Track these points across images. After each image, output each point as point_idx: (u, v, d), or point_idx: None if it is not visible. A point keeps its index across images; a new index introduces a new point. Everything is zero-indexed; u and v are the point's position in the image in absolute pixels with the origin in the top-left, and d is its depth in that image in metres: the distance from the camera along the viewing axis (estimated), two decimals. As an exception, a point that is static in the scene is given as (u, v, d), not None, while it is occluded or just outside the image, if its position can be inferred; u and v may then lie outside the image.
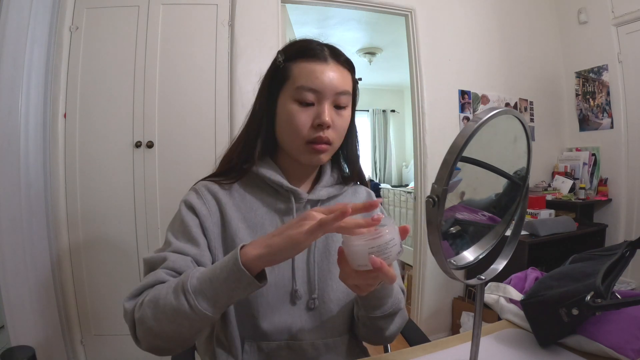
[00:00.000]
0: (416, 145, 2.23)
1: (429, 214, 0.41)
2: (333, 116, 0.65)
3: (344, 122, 0.67)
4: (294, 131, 0.64)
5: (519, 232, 0.57)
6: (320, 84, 0.63)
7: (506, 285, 0.81)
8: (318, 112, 0.64)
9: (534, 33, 2.58)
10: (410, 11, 2.19)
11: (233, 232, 0.66)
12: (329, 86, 0.63)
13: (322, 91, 0.63)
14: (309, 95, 0.63)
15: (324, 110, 0.63)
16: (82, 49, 1.70)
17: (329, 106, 0.64)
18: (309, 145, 0.64)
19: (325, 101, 0.64)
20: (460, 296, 2.30)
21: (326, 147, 0.65)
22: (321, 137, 0.64)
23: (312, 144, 0.64)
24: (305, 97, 0.63)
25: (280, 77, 0.67)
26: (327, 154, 0.67)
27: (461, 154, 0.40)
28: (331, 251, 0.71)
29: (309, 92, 0.63)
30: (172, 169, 1.74)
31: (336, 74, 0.65)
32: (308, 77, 0.63)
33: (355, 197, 0.79)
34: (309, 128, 0.64)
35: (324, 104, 0.64)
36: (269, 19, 1.89)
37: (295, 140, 0.65)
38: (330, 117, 0.64)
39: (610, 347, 0.60)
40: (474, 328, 0.57)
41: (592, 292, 0.56)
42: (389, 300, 0.63)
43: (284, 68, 0.66)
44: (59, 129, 1.68)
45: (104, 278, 1.73)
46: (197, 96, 1.78)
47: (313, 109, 0.64)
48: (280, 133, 0.68)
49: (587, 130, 2.55)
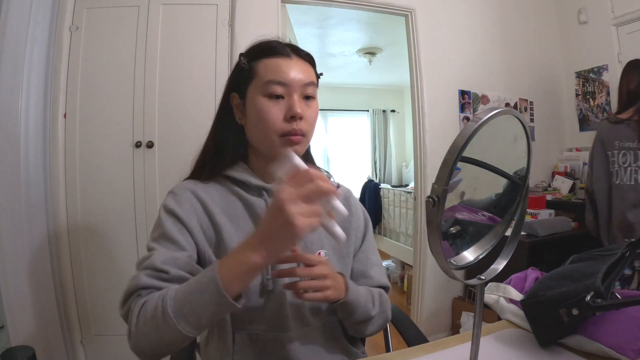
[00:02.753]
0: (416, 145, 2.23)
1: (429, 214, 0.41)
2: (303, 108, 0.66)
3: (313, 112, 0.69)
4: (267, 126, 0.65)
5: (519, 232, 0.56)
6: (288, 77, 0.65)
7: (506, 285, 0.81)
8: (289, 104, 0.65)
9: (534, 33, 2.58)
10: (410, 11, 2.19)
11: (219, 227, 0.66)
12: (296, 78, 0.65)
13: (290, 84, 0.65)
14: (277, 88, 0.64)
15: (295, 102, 0.65)
16: (82, 49, 1.70)
17: (298, 98, 0.65)
18: (283, 138, 0.65)
19: (294, 93, 0.65)
20: (460, 296, 2.30)
21: (300, 138, 0.66)
22: (295, 129, 0.65)
23: (287, 137, 0.65)
24: (274, 90, 0.64)
25: (246, 77, 0.68)
26: (302, 146, 0.68)
27: (461, 154, 0.40)
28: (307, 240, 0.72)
29: (277, 86, 0.64)
30: (172, 169, 1.74)
31: (301, 67, 0.67)
32: (275, 72, 0.65)
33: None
34: (281, 121, 0.65)
35: (294, 96, 0.65)
36: (269, 19, 1.89)
37: (268, 135, 0.65)
38: (302, 109, 0.65)
39: (610, 347, 0.60)
40: (474, 328, 0.57)
41: (592, 292, 0.56)
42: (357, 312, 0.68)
43: (248, 68, 0.68)
44: (59, 129, 1.68)
45: (104, 278, 1.73)
46: (197, 96, 1.78)
47: (283, 102, 0.65)
48: (252, 131, 0.69)
49: (587, 130, 2.54)
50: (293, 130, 0.65)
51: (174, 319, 0.50)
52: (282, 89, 0.65)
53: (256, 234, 0.50)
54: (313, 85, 0.68)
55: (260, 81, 0.66)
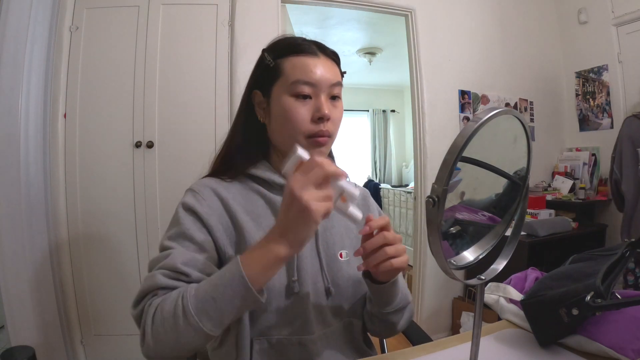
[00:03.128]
0: (416, 145, 2.23)
1: (429, 214, 0.41)
2: (330, 108, 0.64)
3: (339, 113, 0.67)
4: (294, 126, 0.63)
5: (519, 232, 0.56)
6: (316, 77, 0.63)
7: (506, 285, 0.81)
8: (317, 105, 0.63)
9: (534, 33, 2.58)
10: (410, 11, 2.19)
11: (240, 225, 0.65)
12: (324, 78, 0.64)
13: (318, 84, 0.63)
14: (305, 88, 0.63)
15: (323, 102, 0.63)
16: (82, 49, 1.70)
17: (325, 98, 0.64)
18: (310, 139, 0.64)
19: (322, 93, 0.64)
20: (460, 296, 2.30)
21: (326, 139, 0.65)
22: (322, 130, 0.63)
23: (314, 138, 0.63)
24: (302, 90, 0.63)
25: (271, 75, 0.66)
26: (327, 147, 0.67)
27: (461, 154, 0.40)
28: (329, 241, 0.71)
29: (305, 86, 0.63)
30: (172, 169, 1.74)
31: (328, 66, 0.65)
32: (303, 71, 0.63)
33: None
34: (308, 122, 0.63)
35: (321, 97, 0.64)
36: (269, 19, 1.89)
37: (294, 136, 0.64)
38: (329, 109, 0.64)
39: (610, 347, 0.60)
40: (474, 328, 0.57)
41: (592, 292, 0.56)
42: (398, 295, 0.66)
43: (274, 66, 0.66)
44: (59, 129, 1.68)
45: (104, 278, 1.73)
46: (197, 96, 1.78)
47: (310, 103, 0.64)
48: (276, 131, 0.67)
49: (587, 130, 2.55)
50: (320, 132, 0.63)
51: (195, 317, 0.48)
52: (309, 89, 0.63)
53: (275, 227, 0.50)
54: (339, 85, 0.67)
55: (287, 80, 0.64)
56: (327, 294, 0.68)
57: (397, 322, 0.70)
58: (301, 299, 0.65)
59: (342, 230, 0.73)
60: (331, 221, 0.72)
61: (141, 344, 0.54)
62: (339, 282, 0.69)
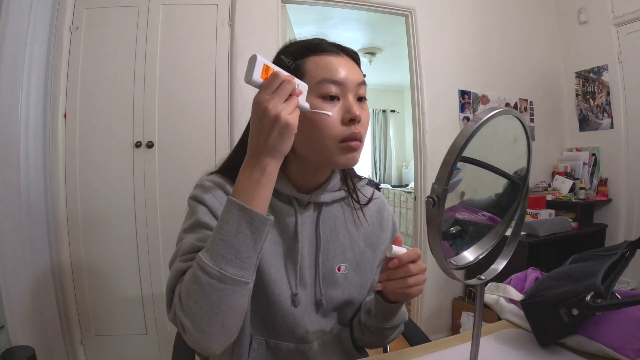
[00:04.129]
0: (416, 145, 2.23)
1: (429, 214, 0.41)
2: (359, 110, 0.60)
3: (367, 116, 0.63)
4: (324, 131, 0.58)
5: (519, 232, 0.57)
6: (342, 76, 0.59)
7: (506, 285, 0.81)
8: (346, 106, 0.59)
9: (534, 33, 2.57)
10: (410, 11, 2.19)
11: None
12: (350, 77, 0.60)
13: (345, 83, 0.59)
14: (332, 88, 0.59)
15: (352, 103, 0.59)
16: (82, 49, 1.70)
17: (353, 99, 0.60)
18: (342, 144, 0.59)
19: (350, 93, 0.60)
20: (460, 296, 2.30)
21: (359, 144, 0.60)
22: (355, 133, 0.59)
23: (347, 142, 0.59)
24: (329, 90, 0.58)
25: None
26: (359, 152, 0.62)
27: (461, 154, 0.40)
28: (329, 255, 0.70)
29: (332, 85, 0.59)
30: (172, 169, 1.74)
31: (351, 66, 0.62)
32: (328, 70, 0.59)
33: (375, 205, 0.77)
34: (339, 124, 0.59)
35: (349, 97, 0.60)
36: (269, 19, 1.89)
37: (325, 142, 0.59)
38: (359, 111, 0.59)
39: (610, 347, 0.60)
40: (474, 328, 0.57)
41: (592, 292, 0.56)
42: (397, 314, 0.67)
43: (295, 67, 0.61)
44: (59, 129, 1.68)
45: (104, 278, 1.73)
46: (197, 96, 1.78)
47: (339, 104, 0.59)
48: (302, 139, 0.59)
49: (587, 130, 2.55)
50: (353, 134, 0.58)
51: (214, 267, 0.46)
52: (337, 88, 0.59)
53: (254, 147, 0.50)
54: (365, 85, 0.63)
55: (311, 80, 0.58)
56: (318, 306, 0.68)
57: (389, 336, 0.71)
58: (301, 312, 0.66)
59: (347, 243, 0.71)
60: (335, 234, 0.70)
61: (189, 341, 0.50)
62: (332, 294, 0.69)
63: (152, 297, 1.75)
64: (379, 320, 0.66)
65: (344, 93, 0.60)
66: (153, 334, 1.77)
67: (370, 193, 0.77)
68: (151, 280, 1.75)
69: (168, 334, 1.76)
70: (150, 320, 1.77)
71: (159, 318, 1.77)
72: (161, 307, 1.77)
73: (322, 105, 0.58)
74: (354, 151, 0.60)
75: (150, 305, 1.76)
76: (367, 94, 0.65)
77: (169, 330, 1.76)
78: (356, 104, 0.60)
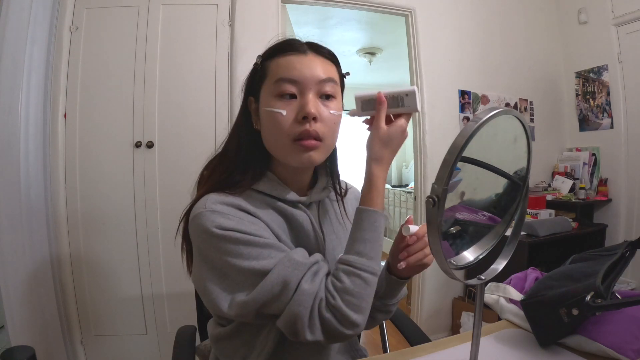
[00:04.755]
0: (416, 145, 2.23)
1: (429, 214, 0.41)
2: (319, 107, 0.59)
3: (332, 114, 0.61)
4: (277, 129, 0.59)
5: (519, 232, 0.57)
6: (299, 74, 0.59)
7: (506, 285, 0.81)
8: (301, 104, 0.59)
9: (534, 33, 2.57)
10: (410, 11, 2.19)
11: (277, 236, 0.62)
12: (309, 75, 0.59)
13: (302, 81, 0.59)
14: (288, 86, 0.59)
15: (307, 100, 0.58)
16: (82, 49, 1.70)
17: (313, 96, 0.59)
18: (295, 143, 0.59)
19: (308, 91, 0.59)
20: (460, 296, 2.30)
21: (315, 142, 0.59)
22: (308, 130, 0.58)
23: (299, 141, 0.58)
24: (284, 89, 0.59)
25: (259, 78, 0.63)
26: (319, 152, 0.61)
27: (461, 154, 0.40)
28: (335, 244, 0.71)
29: (288, 84, 0.59)
30: (172, 169, 1.74)
31: (317, 63, 0.61)
32: (286, 68, 0.59)
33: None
34: (291, 123, 0.58)
35: (307, 95, 0.59)
36: (269, 19, 1.89)
37: (280, 140, 0.59)
38: (316, 108, 0.59)
39: (610, 347, 0.60)
40: (474, 328, 0.57)
41: (592, 292, 0.56)
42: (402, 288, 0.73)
43: (261, 68, 0.63)
44: (59, 129, 1.68)
45: (104, 278, 1.73)
46: (197, 96, 1.78)
47: (295, 102, 0.59)
48: (266, 137, 0.62)
49: (587, 130, 2.55)
50: (306, 132, 0.58)
51: (376, 267, 0.57)
52: (293, 87, 0.59)
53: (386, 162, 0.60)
54: (332, 82, 0.61)
55: (271, 80, 0.60)
56: None
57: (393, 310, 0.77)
58: None
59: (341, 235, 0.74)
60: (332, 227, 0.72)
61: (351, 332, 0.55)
62: None
63: (152, 297, 1.75)
64: (387, 298, 0.72)
65: (301, 91, 0.59)
66: (153, 334, 1.77)
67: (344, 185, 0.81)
68: (151, 280, 1.75)
69: (168, 334, 1.76)
70: (150, 320, 1.77)
71: (159, 318, 1.77)
72: (161, 307, 1.77)
73: (278, 103, 0.59)
74: (307, 150, 0.59)
75: (150, 305, 1.76)
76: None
77: (169, 330, 1.76)
78: (315, 101, 0.59)
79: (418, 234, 0.62)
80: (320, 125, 0.59)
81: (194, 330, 0.97)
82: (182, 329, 0.97)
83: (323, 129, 0.60)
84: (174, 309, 1.77)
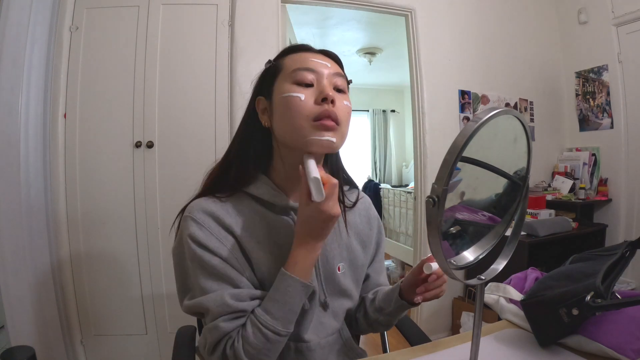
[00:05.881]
0: (416, 145, 2.23)
1: (429, 214, 0.41)
2: (336, 95, 0.62)
3: (345, 107, 0.64)
4: (297, 111, 0.60)
5: (519, 232, 0.56)
6: (316, 65, 0.63)
7: (506, 286, 0.81)
8: (319, 88, 0.61)
9: (533, 33, 2.58)
10: (410, 11, 2.19)
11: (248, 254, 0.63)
12: (324, 67, 0.64)
13: (318, 70, 0.63)
14: (306, 74, 0.62)
15: (326, 85, 0.62)
16: (82, 49, 1.70)
17: (328, 84, 0.63)
18: (316, 123, 0.60)
19: (324, 80, 0.62)
20: (460, 296, 2.30)
21: (334, 124, 0.60)
22: (327, 110, 0.60)
23: (319, 120, 0.60)
24: (303, 76, 0.62)
25: (272, 74, 0.66)
26: (337, 136, 0.62)
27: (461, 154, 0.40)
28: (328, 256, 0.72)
29: (306, 72, 0.62)
30: (172, 169, 1.74)
31: (328, 60, 0.66)
32: (303, 61, 0.64)
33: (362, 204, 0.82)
34: (311, 105, 0.60)
35: (324, 81, 0.62)
36: (269, 19, 1.89)
37: (298, 121, 0.60)
38: (333, 93, 0.62)
39: (610, 347, 0.60)
40: (474, 328, 0.57)
41: (592, 292, 0.56)
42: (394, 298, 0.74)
43: (274, 66, 0.66)
44: (59, 129, 1.68)
45: (104, 278, 1.73)
46: (197, 96, 1.78)
47: (313, 89, 0.62)
48: (280, 125, 0.63)
49: (587, 130, 2.55)
50: (326, 111, 0.59)
51: (284, 330, 0.59)
52: (311, 75, 0.62)
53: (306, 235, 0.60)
54: (342, 77, 0.66)
55: (287, 71, 0.63)
56: (325, 307, 0.71)
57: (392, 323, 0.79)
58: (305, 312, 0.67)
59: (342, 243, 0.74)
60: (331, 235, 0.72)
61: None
62: (335, 295, 0.72)
63: (152, 297, 1.75)
64: (393, 315, 0.75)
65: (318, 80, 0.62)
66: (153, 334, 1.77)
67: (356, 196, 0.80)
68: (151, 280, 1.75)
69: (168, 334, 1.76)
70: (150, 320, 1.77)
71: (159, 318, 1.77)
72: (161, 307, 1.77)
73: (297, 89, 0.61)
74: (328, 130, 0.60)
75: (150, 305, 1.76)
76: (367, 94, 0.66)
77: (169, 330, 1.76)
78: (331, 89, 0.63)
79: (438, 272, 0.64)
80: (337, 110, 0.62)
81: (194, 330, 0.97)
82: (182, 329, 0.97)
83: (340, 113, 0.62)
84: (174, 309, 1.77)
